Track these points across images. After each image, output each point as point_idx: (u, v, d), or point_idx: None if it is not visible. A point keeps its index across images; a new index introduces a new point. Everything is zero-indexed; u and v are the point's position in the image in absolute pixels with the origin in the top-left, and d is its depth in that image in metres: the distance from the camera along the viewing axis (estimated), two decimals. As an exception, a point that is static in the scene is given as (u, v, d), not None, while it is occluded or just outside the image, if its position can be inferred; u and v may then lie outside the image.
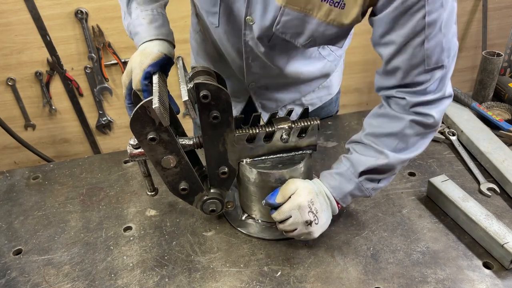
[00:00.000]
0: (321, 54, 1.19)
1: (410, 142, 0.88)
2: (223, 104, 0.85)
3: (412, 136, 0.87)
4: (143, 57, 0.90)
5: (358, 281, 0.89)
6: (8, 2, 2.04)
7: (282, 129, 0.93)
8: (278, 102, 1.26)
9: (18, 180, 1.27)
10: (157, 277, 0.93)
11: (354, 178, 0.91)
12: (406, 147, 0.88)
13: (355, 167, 0.90)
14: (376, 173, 0.90)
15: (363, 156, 0.90)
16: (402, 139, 0.87)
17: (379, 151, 0.88)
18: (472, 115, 1.33)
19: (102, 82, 2.36)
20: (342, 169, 0.92)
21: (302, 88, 1.25)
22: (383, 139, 0.89)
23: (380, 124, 0.90)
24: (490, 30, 2.60)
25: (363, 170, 0.89)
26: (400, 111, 0.87)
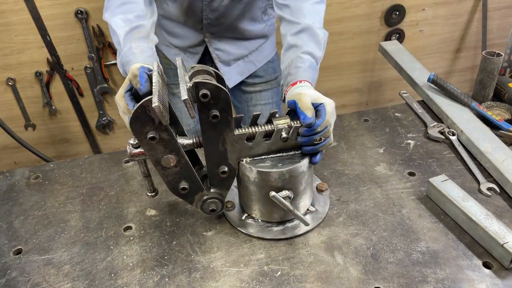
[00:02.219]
0: (263, 19, 1.50)
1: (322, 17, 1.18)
2: (222, 103, 0.85)
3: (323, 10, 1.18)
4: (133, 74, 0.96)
5: (358, 281, 0.89)
6: (8, 2, 2.04)
7: (281, 128, 0.93)
8: (230, 55, 1.54)
9: (18, 180, 1.27)
10: (157, 277, 0.93)
11: (316, 66, 1.10)
12: (321, 22, 1.17)
13: (316, 56, 1.10)
14: (322, 53, 1.14)
15: (314, 42, 1.11)
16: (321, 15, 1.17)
17: (316, 31, 1.12)
18: (472, 115, 1.33)
19: (102, 82, 2.36)
20: (308, 62, 1.08)
21: (247, 45, 1.54)
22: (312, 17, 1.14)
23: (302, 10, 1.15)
24: (490, 30, 2.60)
25: (320, 55, 1.12)
26: None
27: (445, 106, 1.38)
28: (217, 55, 1.54)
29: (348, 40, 2.40)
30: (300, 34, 1.12)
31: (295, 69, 1.07)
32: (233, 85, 1.61)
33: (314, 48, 1.10)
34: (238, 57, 1.57)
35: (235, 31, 1.48)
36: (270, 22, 1.57)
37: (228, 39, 1.51)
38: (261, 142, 0.94)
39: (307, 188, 1.01)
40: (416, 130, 1.35)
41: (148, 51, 1.10)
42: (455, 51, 2.70)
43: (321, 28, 1.14)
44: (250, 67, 1.62)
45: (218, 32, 1.47)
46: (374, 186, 1.13)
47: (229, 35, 1.50)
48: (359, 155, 1.25)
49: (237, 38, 1.52)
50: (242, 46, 1.55)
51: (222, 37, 1.50)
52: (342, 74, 2.56)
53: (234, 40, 1.52)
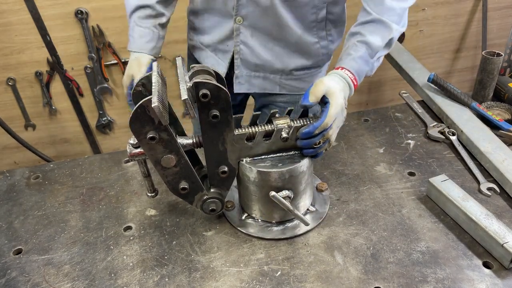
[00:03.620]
0: (316, 32, 1.23)
1: (404, 15, 1.07)
2: (222, 103, 0.85)
3: (404, 8, 1.06)
4: (139, 66, 1.21)
5: (358, 281, 0.89)
6: (8, 2, 2.04)
7: (281, 128, 0.93)
8: (256, 58, 1.26)
9: (18, 180, 1.27)
10: (157, 277, 0.93)
11: (370, 59, 1.03)
12: (401, 19, 1.07)
13: (373, 48, 1.03)
14: (384, 50, 1.06)
15: (376, 35, 1.03)
16: (398, 12, 1.05)
17: (388, 25, 1.04)
18: (472, 115, 1.33)
19: (102, 82, 2.36)
20: (361, 52, 1.02)
21: (285, 59, 1.26)
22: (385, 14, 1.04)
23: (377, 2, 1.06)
24: (490, 30, 2.60)
25: (379, 49, 1.04)
26: None
27: (445, 106, 1.38)
28: (241, 50, 1.25)
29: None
30: (366, 24, 1.06)
31: (346, 55, 1.03)
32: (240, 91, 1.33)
33: (374, 40, 1.03)
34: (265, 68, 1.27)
35: (275, 23, 1.17)
36: (325, 43, 1.26)
37: (263, 34, 1.21)
38: (261, 142, 0.94)
39: (307, 188, 1.01)
40: (416, 130, 1.35)
41: (147, 36, 1.22)
42: (455, 51, 2.70)
43: (393, 23, 1.05)
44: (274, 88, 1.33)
45: (253, 17, 1.17)
46: (374, 186, 1.13)
47: (266, 27, 1.19)
48: (359, 155, 1.25)
49: (275, 37, 1.22)
50: (277, 56, 1.25)
51: (255, 28, 1.20)
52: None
53: (270, 41, 1.22)
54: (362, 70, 1.03)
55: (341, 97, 0.94)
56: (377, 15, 1.04)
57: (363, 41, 1.03)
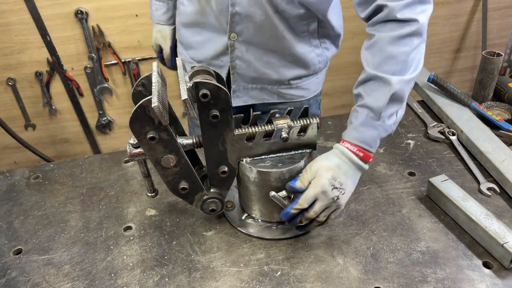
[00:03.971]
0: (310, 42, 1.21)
1: (408, 60, 0.90)
2: (222, 103, 0.85)
3: (406, 53, 0.90)
4: (164, 38, 1.47)
5: (358, 281, 0.89)
6: (8, 2, 2.04)
7: (281, 128, 0.93)
8: (253, 72, 1.23)
9: (18, 180, 1.27)
10: (157, 277, 0.93)
11: (376, 122, 0.90)
12: (406, 67, 0.90)
13: (374, 110, 0.90)
14: (392, 105, 0.91)
15: (375, 93, 0.90)
16: (399, 59, 0.90)
17: (386, 80, 0.89)
18: (472, 115, 1.33)
19: (102, 82, 2.36)
20: (362, 118, 0.91)
21: (282, 70, 1.23)
22: (383, 67, 0.90)
23: (374, 52, 0.93)
24: (490, 30, 2.60)
25: (381, 109, 0.89)
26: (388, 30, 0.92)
27: (445, 106, 1.38)
28: (236, 65, 1.22)
29: (348, 40, 2.40)
30: (364, 84, 0.93)
31: (348, 124, 0.94)
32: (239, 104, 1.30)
33: (374, 101, 0.90)
34: (262, 80, 1.26)
35: (269, 36, 1.15)
36: (319, 52, 1.24)
37: (258, 49, 1.19)
38: (261, 142, 0.94)
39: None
40: (416, 130, 1.35)
41: (162, 8, 1.40)
42: (455, 51, 2.70)
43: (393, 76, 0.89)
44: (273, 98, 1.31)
45: (247, 32, 1.15)
46: (374, 186, 1.13)
47: (261, 41, 1.17)
48: (359, 155, 1.25)
49: (271, 50, 1.19)
50: (273, 68, 1.23)
51: (250, 43, 1.18)
52: (342, 74, 2.56)
53: (265, 54, 1.20)
54: (369, 137, 0.90)
55: (325, 177, 0.87)
56: (372, 70, 0.91)
57: (363, 105, 0.92)
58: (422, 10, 0.91)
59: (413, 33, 0.90)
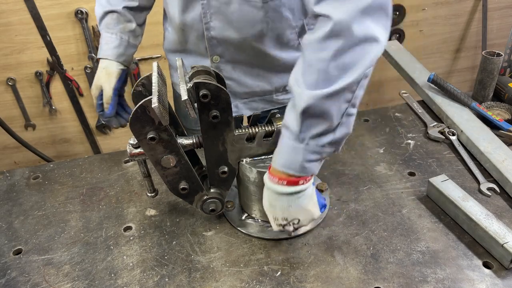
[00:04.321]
0: (299, 46, 1.13)
1: (329, 69, 0.70)
2: (222, 103, 0.85)
3: (323, 60, 0.70)
4: (108, 76, 1.17)
5: (358, 281, 0.89)
6: (8, 2, 2.04)
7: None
8: (245, 87, 1.20)
9: (18, 180, 1.27)
10: (157, 277, 0.93)
11: (298, 144, 0.76)
12: (326, 77, 0.70)
13: (292, 131, 0.76)
14: (312, 124, 0.74)
15: (289, 111, 0.77)
16: (315, 68, 0.71)
17: (295, 94, 0.74)
18: (472, 115, 1.33)
19: (102, 82, 2.36)
20: (284, 139, 0.79)
21: (273, 79, 1.20)
22: (305, 75, 0.73)
23: (298, 62, 0.76)
24: (490, 30, 2.60)
25: (298, 130, 0.74)
26: (309, 33, 0.74)
27: (445, 106, 1.38)
28: (227, 85, 1.14)
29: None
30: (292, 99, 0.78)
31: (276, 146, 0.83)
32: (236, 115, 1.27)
33: (290, 119, 0.77)
34: (257, 93, 1.22)
35: (253, 54, 1.11)
36: None
37: (244, 65, 1.15)
38: (261, 142, 0.94)
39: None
40: (416, 130, 1.35)
41: (114, 42, 1.17)
42: (455, 51, 2.70)
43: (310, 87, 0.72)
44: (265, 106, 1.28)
45: (229, 53, 1.12)
46: (374, 186, 1.13)
47: (245, 59, 1.13)
48: (359, 155, 1.25)
49: (258, 65, 1.15)
50: (264, 79, 1.19)
51: (236, 62, 1.15)
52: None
53: (253, 68, 1.16)
54: (292, 162, 0.78)
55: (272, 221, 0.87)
56: (291, 81, 0.77)
57: (284, 125, 0.79)
58: (342, 3, 0.68)
59: (328, 35, 0.69)
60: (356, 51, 0.69)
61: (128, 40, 1.20)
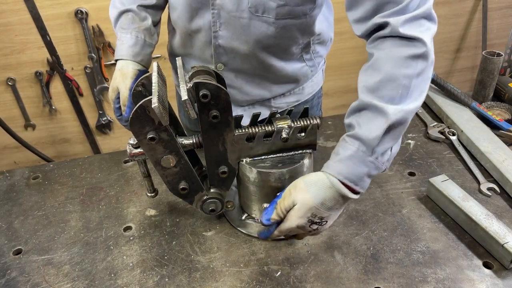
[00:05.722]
0: (303, 57, 1.18)
1: (411, 86, 0.76)
2: (222, 103, 0.85)
3: (409, 77, 0.76)
4: (124, 77, 1.10)
5: (358, 281, 0.89)
6: (8, 2, 2.04)
7: (282, 128, 0.93)
8: (246, 95, 1.21)
9: (18, 180, 1.27)
10: (157, 277, 0.93)
11: (368, 157, 0.77)
12: (407, 93, 0.76)
13: (366, 144, 0.77)
14: (388, 139, 0.77)
15: (369, 124, 0.77)
16: (399, 83, 0.76)
17: (381, 109, 0.76)
18: (472, 115, 1.33)
19: (102, 82, 2.36)
20: (351, 151, 0.78)
21: (273, 88, 1.21)
22: (381, 91, 0.77)
23: (371, 73, 0.79)
24: (490, 30, 2.60)
25: (375, 143, 0.76)
26: (388, 46, 0.78)
27: (445, 106, 1.38)
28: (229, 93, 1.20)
29: (348, 40, 2.40)
30: (357, 113, 0.81)
31: (333, 154, 0.82)
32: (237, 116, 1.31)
33: (367, 132, 0.77)
34: (257, 100, 1.24)
35: (257, 64, 1.12)
36: (312, 63, 1.21)
37: (247, 74, 1.16)
38: (261, 142, 0.94)
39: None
40: (416, 130, 1.35)
41: (129, 41, 1.12)
42: (455, 51, 2.70)
43: (388, 104, 0.76)
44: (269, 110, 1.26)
45: (234, 62, 1.13)
46: (374, 186, 1.13)
47: (249, 68, 1.14)
48: (359, 155, 1.25)
49: (260, 75, 1.16)
50: (265, 88, 1.20)
51: (239, 72, 1.15)
52: (342, 74, 2.56)
53: (255, 77, 1.17)
54: (356, 174, 0.78)
55: (304, 216, 0.79)
56: (366, 97, 0.79)
57: (354, 136, 0.79)
58: (428, 28, 0.78)
59: (419, 55, 0.76)
60: (430, 73, 0.79)
61: (144, 39, 1.14)
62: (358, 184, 0.79)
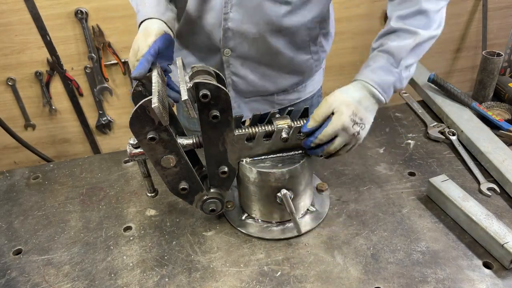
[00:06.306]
0: (310, 47, 1.19)
1: (433, 17, 0.94)
2: (222, 103, 0.85)
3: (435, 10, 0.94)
4: (146, 35, 0.95)
5: (358, 281, 0.89)
6: (8, 2, 2.04)
7: (282, 128, 0.93)
8: (250, 86, 1.21)
9: (18, 180, 1.27)
10: (157, 277, 0.93)
11: (395, 68, 0.92)
12: (430, 22, 0.94)
13: (396, 56, 0.92)
14: (412, 56, 0.93)
15: (400, 42, 0.92)
16: (426, 15, 0.93)
17: (412, 31, 0.92)
18: (472, 115, 1.33)
19: (102, 82, 2.36)
20: (381, 62, 0.92)
21: (278, 80, 1.22)
22: (410, 20, 0.93)
23: (406, 6, 0.94)
24: (490, 30, 2.60)
25: (403, 56, 0.91)
26: None
27: (445, 106, 1.38)
28: (233, 81, 1.18)
29: (348, 40, 2.40)
30: (387, 35, 0.96)
31: (364, 67, 0.95)
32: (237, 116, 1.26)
33: (396, 47, 0.92)
34: (260, 93, 1.24)
35: (264, 50, 1.12)
36: (317, 56, 1.23)
37: (253, 62, 1.16)
38: (261, 142, 0.94)
39: (307, 188, 1.01)
40: (416, 130, 1.35)
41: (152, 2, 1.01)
42: (455, 51, 2.70)
43: (419, 29, 0.94)
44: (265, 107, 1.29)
45: (241, 47, 1.12)
46: (374, 186, 1.13)
47: (256, 55, 1.14)
48: (359, 155, 1.25)
49: (266, 63, 1.17)
50: (270, 79, 1.21)
51: (245, 58, 1.15)
52: (342, 74, 2.56)
53: (261, 66, 1.17)
54: (385, 81, 0.91)
55: (346, 114, 0.87)
56: (396, 23, 0.94)
57: (383, 50, 0.93)
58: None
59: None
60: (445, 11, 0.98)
61: (166, 3, 1.04)
62: (386, 92, 0.92)
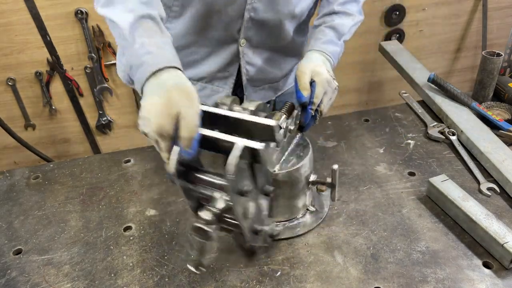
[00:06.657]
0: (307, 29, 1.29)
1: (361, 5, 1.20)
2: None
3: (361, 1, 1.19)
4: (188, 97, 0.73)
5: (358, 281, 0.89)
6: (8, 2, 2.04)
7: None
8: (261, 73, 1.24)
9: (18, 180, 1.27)
10: (157, 277, 0.93)
11: (338, 41, 1.13)
12: (360, 9, 1.19)
13: (339, 31, 1.13)
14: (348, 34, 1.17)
15: (342, 21, 1.14)
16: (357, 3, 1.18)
17: (351, 14, 1.16)
18: (472, 115, 1.33)
19: (102, 82, 2.36)
20: (329, 36, 1.12)
21: (283, 65, 1.31)
22: (348, 6, 1.16)
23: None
24: (490, 30, 2.60)
25: (345, 32, 1.14)
26: None
27: (445, 106, 1.38)
28: (247, 71, 1.21)
29: (348, 40, 2.40)
30: (330, 15, 1.15)
31: (314, 40, 1.12)
32: None
33: (340, 24, 1.13)
34: (268, 80, 1.29)
35: (277, 36, 1.17)
36: (306, 38, 1.30)
37: (266, 50, 1.21)
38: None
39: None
40: (416, 130, 1.35)
41: (167, 47, 0.82)
42: (455, 51, 2.70)
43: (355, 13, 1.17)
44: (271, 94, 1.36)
45: (257, 37, 1.14)
46: (374, 186, 1.13)
47: (268, 43, 1.18)
48: (359, 155, 1.25)
49: (277, 50, 1.23)
50: (278, 66, 1.28)
51: (259, 47, 1.18)
52: (342, 74, 2.56)
53: (272, 53, 1.23)
54: (334, 51, 1.11)
55: (324, 72, 1.02)
56: (337, 7, 1.14)
57: (329, 26, 1.13)
58: None
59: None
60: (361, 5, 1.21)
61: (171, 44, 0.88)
62: (334, 60, 1.12)
